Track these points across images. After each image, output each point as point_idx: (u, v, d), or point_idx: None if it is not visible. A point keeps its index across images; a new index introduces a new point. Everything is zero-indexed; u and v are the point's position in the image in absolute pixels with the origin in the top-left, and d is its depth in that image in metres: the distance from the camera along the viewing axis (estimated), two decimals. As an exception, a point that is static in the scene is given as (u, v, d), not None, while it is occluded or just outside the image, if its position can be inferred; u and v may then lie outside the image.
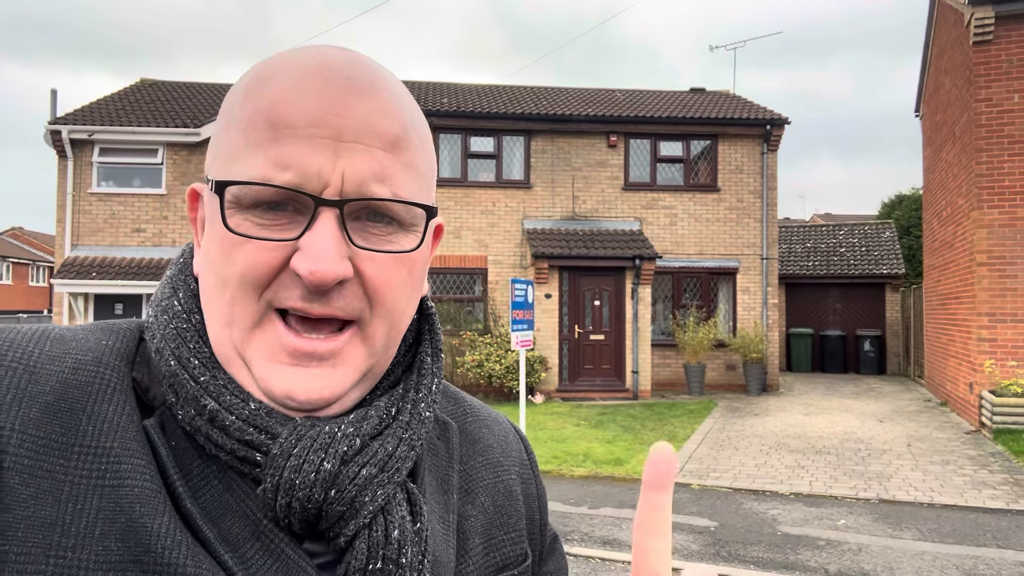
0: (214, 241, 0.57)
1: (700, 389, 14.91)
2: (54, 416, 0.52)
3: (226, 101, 0.59)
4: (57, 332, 0.58)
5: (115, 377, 0.56)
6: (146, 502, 0.51)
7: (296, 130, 0.54)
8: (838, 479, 7.93)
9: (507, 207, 15.55)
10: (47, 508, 0.50)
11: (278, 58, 0.59)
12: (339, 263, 0.54)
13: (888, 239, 21.03)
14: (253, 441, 0.55)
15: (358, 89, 0.56)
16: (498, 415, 0.80)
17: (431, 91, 17.25)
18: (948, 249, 12.96)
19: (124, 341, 0.60)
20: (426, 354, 0.66)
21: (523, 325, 9.05)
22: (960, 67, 11.76)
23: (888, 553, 5.75)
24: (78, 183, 15.29)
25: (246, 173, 0.55)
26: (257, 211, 0.55)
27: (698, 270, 15.85)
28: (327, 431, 0.55)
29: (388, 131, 0.56)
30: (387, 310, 0.58)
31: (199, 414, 0.55)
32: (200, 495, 0.55)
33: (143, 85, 18.36)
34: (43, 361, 0.55)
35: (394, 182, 0.56)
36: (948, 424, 11.19)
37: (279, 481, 0.53)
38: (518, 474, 0.75)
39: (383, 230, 0.57)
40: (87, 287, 14.64)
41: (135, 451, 0.53)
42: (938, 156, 13.94)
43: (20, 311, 35.16)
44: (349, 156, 0.55)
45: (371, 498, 0.55)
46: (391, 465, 0.57)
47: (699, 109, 16.31)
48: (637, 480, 8.04)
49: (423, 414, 0.62)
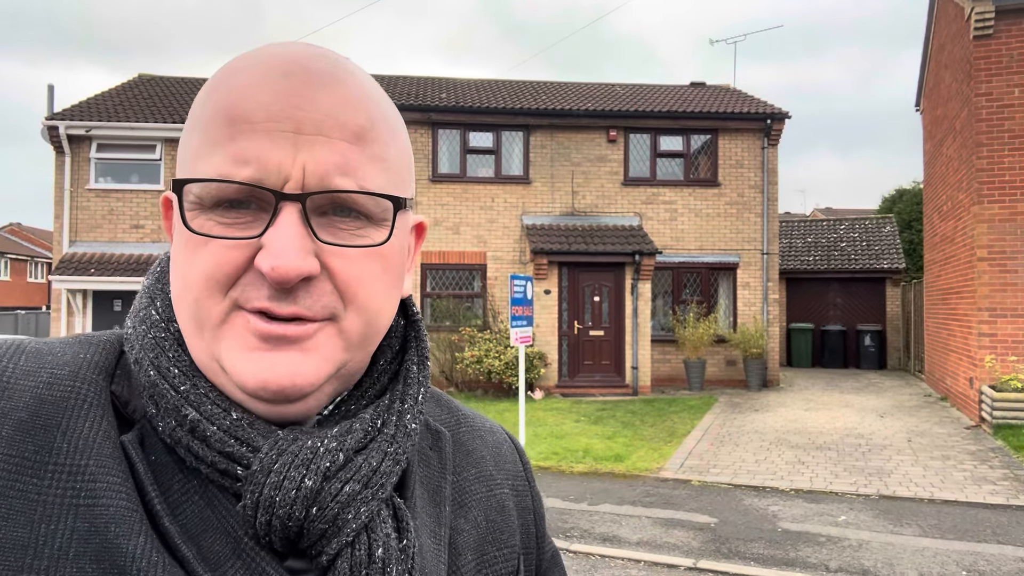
0: (179, 244, 0.56)
1: (700, 385, 14.90)
2: (27, 434, 0.51)
3: (192, 105, 0.58)
4: (33, 346, 0.57)
5: (91, 391, 0.54)
6: (121, 521, 0.50)
7: (254, 125, 0.53)
8: (838, 475, 7.92)
9: (506, 203, 15.52)
10: (19, 529, 0.48)
11: (240, 57, 0.57)
12: (302, 259, 0.52)
13: (889, 234, 21.01)
14: (234, 454, 0.53)
15: (319, 81, 0.54)
16: (492, 424, 0.78)
17: (429, 86, 17.20)
18: (948, 244, 12.94)
19: (103, 353, 0.58)
20: (412, 363, 0.65)
21: (522, 321, 9.03)
22: (960, 61, 11.72)
23: (889, 549, 5.74)
24: (76, 179, 15.25)
25: (206, 172, 0.53)
26: (219, 210, 0.53)
27: (698, 265, 15.83)
28: (309, 446, 0.53)
29: (352, 123, 0.55)
30: (360, 306, 0.56)
31: (180, 425, 0.54)
32: (180, 512, 0.53)
33: (141, 80, 18.30)
34: (17, 376, 0.53)
35: (359, 175, 0.55)
36: (948, 419, 11.18)
37: (259, 498, 0.52)
38: (511, 487, 0.74)
39: (351, 224, 0.55)
40: (86, 283, 14.62)
41: (111, 468, 0.51)
42: (938, 151, 13.90)
43: (18, 307, 35.14)
44: (310, 149, 0.53)
45: (354, 515, 0.53)
46: (375, 481, 0.55)
47: (699, 103, 16.27)
48: (637, 476, 8.04)
49: (409, 426, 0.60)
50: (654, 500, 7.14)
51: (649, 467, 8.34)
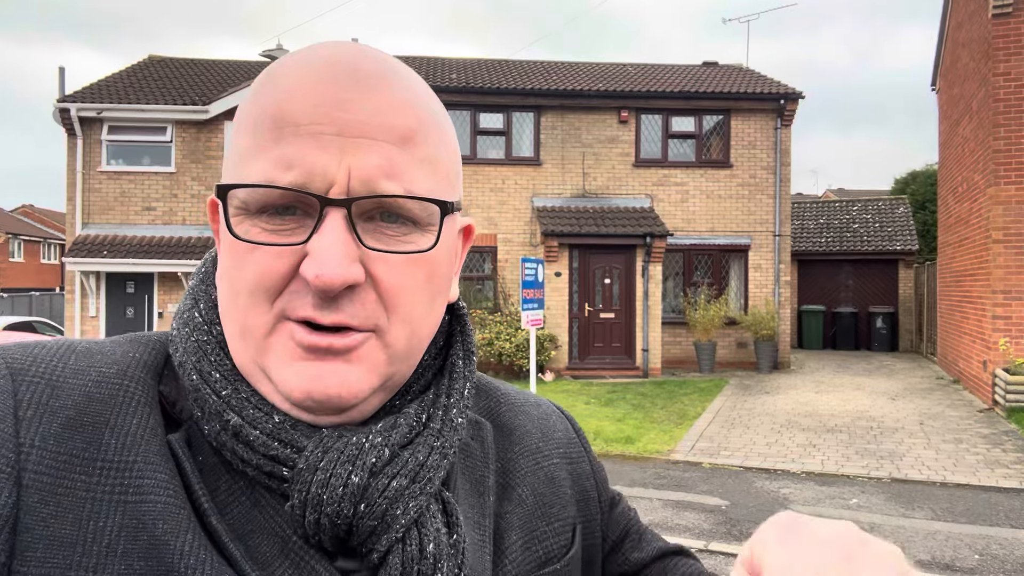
0: (225, 249, 0.55)
1: (711, 367, 14.89)
2: (76, 430, 0.51)
3: (239, 105, 0.58)
4: (84, 346, 0.57)
5: (139, 389, 0.55)
6: (169, 518, 0.50)
7: (299, 127, 0.52)
8: (850, 458, 7.92)
9: (517, 184, 15.47)
10: (67, 526, 0.48)
11: (287, 57, 0.57)
12: (347, 266, 0.51)
13: (902, 215, 20.83)
14: (279, 456, 0.53)
15: (366, 82, 0.53)
16: (539, 399, 0.77)
17: (439, 66, 17.09)
18: (963, 226, 12.82)
19: (152, 353, 0.58)
20: (457, 356, 0.64)
21: (533, 304, 9.03)
22: (978, 40, 11.54)
23: (900, 533, 5.74)
24: (87, 161, 15.29)
25: (250, 176, 0.53)
26: (264, 216, 0.53)
27: (709, 247, 15.75)
28: (354, 442, 0.53)
29: (399, 125, 0.54)
30: (403, 317, 0.55)
31: (223, 429, 0.54)
32: (227, 512, 0.53)
33: (151, 62, 18.28)
34: (66, 375, 0.54)
35: (406, 178, 0.53)
36: (961, 402, 11.14)
37: (307, 496, 0.51)
38: (563, 455, 0.73)
39: (398, 230, 0.54)
40: (98, 265, 14.71)
41: (158, 465, 0.52)
42: (954, 131, 13.73)
43: (32, 289, 35.41)
44: (355, 152, 0.52)
45: (403, 511, 0.53)
46: (423, 475, 0.54)
47: (712, 83, 16.10)
48: (647, 459, 8.06)
49: (455, 420, 0.59)
50: (665, 482, 7.16)
51: (660, 449, 8.36)
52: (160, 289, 15.36)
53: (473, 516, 0.62)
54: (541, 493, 0.68)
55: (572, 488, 0.71)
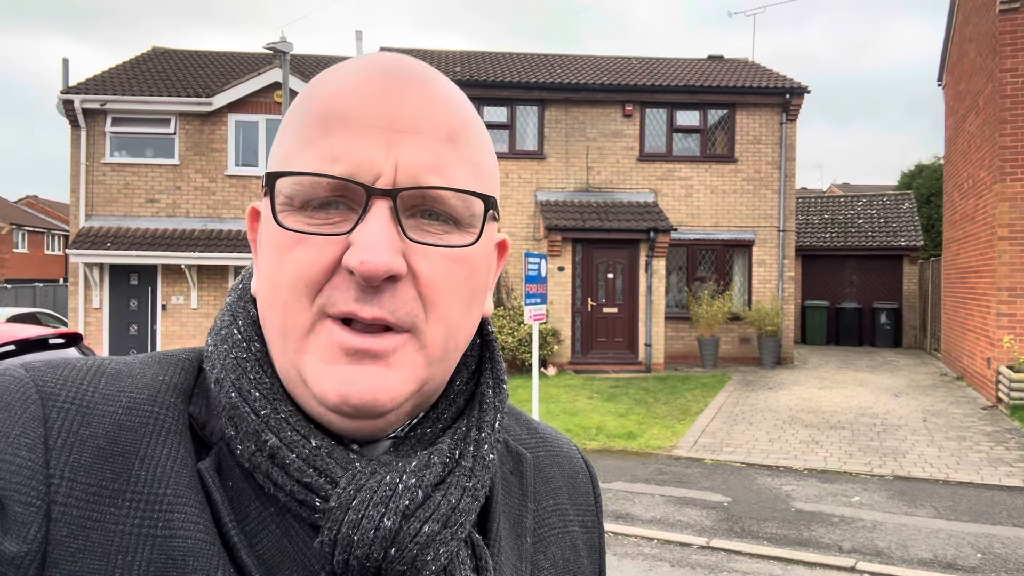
0: (268, 247, 0.55)
1: (714, 362, 14.87)
2: (106, 461, 0.51)
3: (288, 108, 0.59)
4: (113, 368, 0.56)
5: (170, 416, 0.54)
6: (200, 555, 0.50)
7: (348, 121, 0.53)
8: (853, 455, 7.91)
9: (520, 178, 15.43)
10: (95, 561, 0.48)
11: (334, 66, 0.58)
12: (391, 255, 0.51)
13: (907, 210, 20.76)
14: (312, 484, 0.52)
15: (415, 79, 0.55)
16: (569, 447, 0.75)
17: (442, 59, 17.04)
18: (969, 222, 12.76)
19: (182, 375, 0.58)
20: (487, 386, 0.63)
21: (536, 299, 9.01)
22: (985, 35, 11.46)
23: (903, 530, 5.73)
24: (91, 153, 15.30)
25: (298, 169, 0.54)
26: (308, 211, 0.53)
27: (713, 242, 15.72)
28: (388, 482, 0.52)
29: (446, 122, 0.55)
30: (441, 316, 0.54)
31: (259, 450, 0.53)
32: (257, 542, 0.52)
33: (155, 54, 18.25)
34: (97, 401, 0.53)
35: (451, 176, 0.54)
36: (964, 399, 11.11)
37: (337, 536, 0.51)
38: (581, 524, 0.71)
39: (440, 228, 0.54)
40: (102, 257, 14.73)
41: (188, 498, 0.51)
42: (960, 127, 13.66)
43: (36, 280, 35.49)
44: (403, 145, 0.52)
45: (433, 557, 0.52)
46: (455, 520, 0.53)
47: (717, 77, 16.03)
48: (650, 454, 8.06)
49: (487, 458, 0.58)
50: (667, 478, 7.16)
51: (662, 445, 8.36)
52: (163, 281, 15.38)
53: (512, 559, 0.61)
54: (568, 559, 0.67)
55: (587, 559, 0.70)
